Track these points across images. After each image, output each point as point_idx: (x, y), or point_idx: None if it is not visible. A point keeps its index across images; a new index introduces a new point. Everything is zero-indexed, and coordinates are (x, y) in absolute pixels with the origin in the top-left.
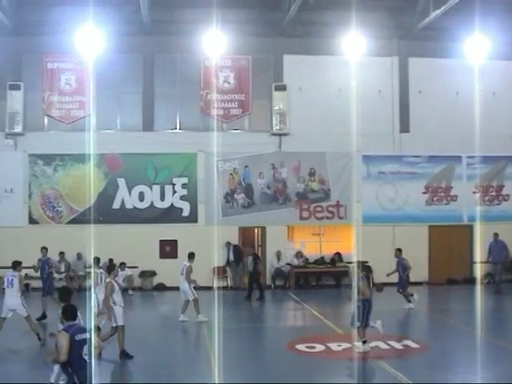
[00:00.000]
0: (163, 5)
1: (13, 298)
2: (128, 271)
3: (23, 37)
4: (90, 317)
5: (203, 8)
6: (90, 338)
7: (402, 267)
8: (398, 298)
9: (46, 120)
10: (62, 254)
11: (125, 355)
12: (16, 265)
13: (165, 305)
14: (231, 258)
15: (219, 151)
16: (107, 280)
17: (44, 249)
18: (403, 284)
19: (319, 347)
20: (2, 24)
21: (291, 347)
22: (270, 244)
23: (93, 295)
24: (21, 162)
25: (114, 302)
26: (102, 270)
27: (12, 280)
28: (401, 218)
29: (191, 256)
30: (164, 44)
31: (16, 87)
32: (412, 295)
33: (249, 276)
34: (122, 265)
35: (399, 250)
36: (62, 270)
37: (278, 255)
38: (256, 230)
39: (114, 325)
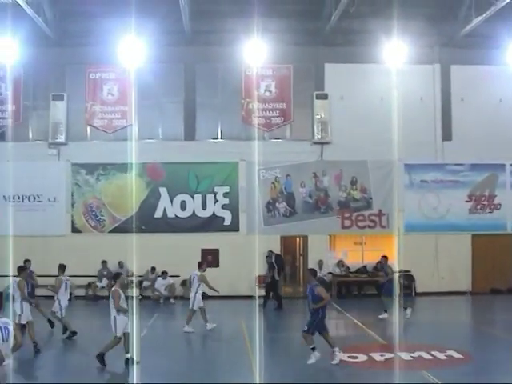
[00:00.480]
0: (204, 15)
1: (15, 302)
2: (170, 280)
3: (66, 48)
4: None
5: (244, 18)
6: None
7: (385, 274)
8: (442, 307)
9: (88, 130)
10: (104, 262)
11: (131, 362)
12: (20, 270)
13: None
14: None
15: (261, 160)
16: (113, 289)
17: (27, 261)
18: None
19: (362, 357)
20: (46, 36)
21: (333, 357)
22: (312, 253)
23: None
24: (64, 172)
25: (118, 311)
26: (67, 277)
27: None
28: (443, 227)
29: (201, 264)
30: (205, 54)
31: (59, 98)
32: (405, 308)
33: (265, 285)
34: (164, 274)
35: (385, 258)
36: (104, 279)
37: (320, 264)
38: (298, 239)
39: (117, 335)
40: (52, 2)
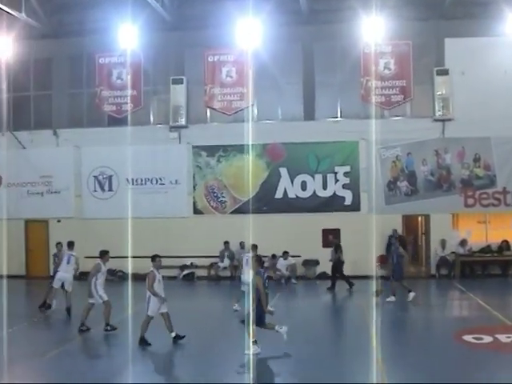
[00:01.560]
0: None
1: (66, 272)
2: (291, 260)
3: (184, 32)
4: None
5: None
6: None
7: (397, 255)
8: None
9: (208, 112)
10: (226, 243)
11: (144, 342)
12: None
13: (327, 294)
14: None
15: (381, 139)
16: (149, 270)
17: (59, 244)
18: (398, 274)
19: (487, 338)
20: (164, 20)
21: (458, 338)
22: (434, 232)
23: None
24: (185, 154)
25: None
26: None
27: (69, 258)
28: None
29: (255, 247)
30: (323, 32)
31: (179, 81)
32: (410, 291)
33: (332, 266)
34: (285, 254)
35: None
36: (226, 259)
37: (443, 244)
38: (419, 218)
39: (148, 314)
40: None
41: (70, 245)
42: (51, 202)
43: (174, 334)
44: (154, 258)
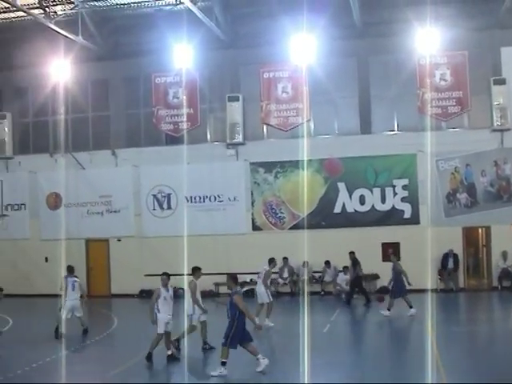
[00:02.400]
0: (374, 6)
1: (74, 299)
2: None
3: (239, 49)
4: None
5: (415, 6)
6: None
7: (396, 272)
8: None
9: (264, 128)
10: (285, 259)
11: (173, 359)
12: (70, 270)
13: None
14: (450, 264)
15: (439, 151)
16: (191, 281)
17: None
18: (397, 290)
19: None
20: (219, 39)
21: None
22: (495, 244)
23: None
24: (243, 171)
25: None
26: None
27: (74, 284)
28: None
29: (271, 261)
30: (377, 45)
31: (235, 99)
32: (411, 307)
33: (351, 281)
34: (345, 268)
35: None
36: (286, 275)
37: (504, 255)
38: (480, 230)
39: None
40: (223, 5)
41: (71, 270)
42: (111, 221)
43: (169, 353)
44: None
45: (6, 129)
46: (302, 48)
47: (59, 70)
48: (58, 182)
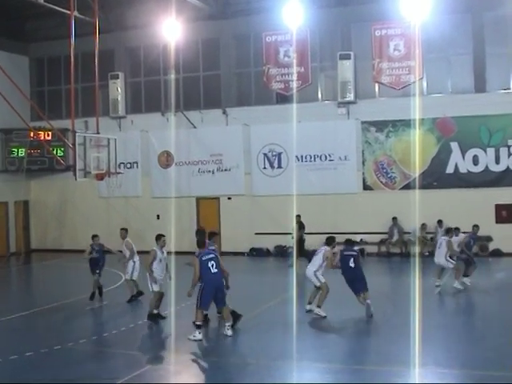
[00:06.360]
0: None
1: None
2: (463, 236)
3: (350, 6)
4: None
5: None
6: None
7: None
8: None
9: (376, 87)
10: (394, 219)
11: (153, 318)
12: (93, 236)
13: (501, 271)
14: None
15: None
16: (152, 248)
17: (95, 237)
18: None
19: None
20: None
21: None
22: None
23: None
24: (354, 130)
25: (152, 271)
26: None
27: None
28: None
29: (331, 241)
30: (493, 1)
31: (346, 57)
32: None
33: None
34: (456, 230)
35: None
36: (395, 236)
37: None
38: None
39: (154, 290)
40: None
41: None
42: (221, 180)
43: (156, 311)
44: (157, 237)
45: (119, 88)
46: (415, 4)
47: (170, 30)
48: (170, 141)
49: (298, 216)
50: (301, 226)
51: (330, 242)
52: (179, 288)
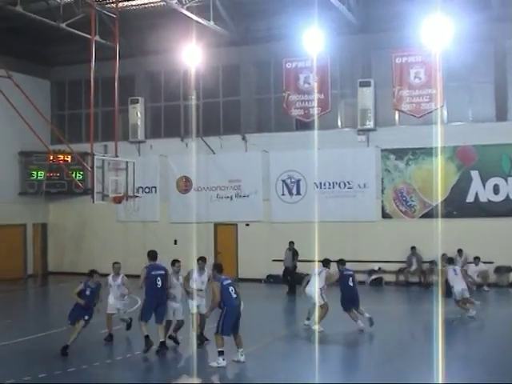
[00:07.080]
0: None
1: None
2: (483, 266)
3: (370, 34)
4: None
5: None
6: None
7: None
8: None
9: (396, 114)
10: (413, 248)
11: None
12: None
13: None
14: None
15: None
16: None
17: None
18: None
19: None
20: (350, 23)
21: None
22: None
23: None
24: (373, 158)
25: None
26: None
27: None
28: None
29: (327, 263)
30: None
31: (366, 84)
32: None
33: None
34: (476, 259)
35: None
36: (414, 265)
37: None
38: None
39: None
40: None
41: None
42: (240, 206)
43: (163, 339)
44: (172, 262)
45: (139, 113)
46: (436, 32)
47: (191, 55)
48: (189, 166)
49: (292, 243)
50: (294, 253)
51: (327, 263)
52: None
